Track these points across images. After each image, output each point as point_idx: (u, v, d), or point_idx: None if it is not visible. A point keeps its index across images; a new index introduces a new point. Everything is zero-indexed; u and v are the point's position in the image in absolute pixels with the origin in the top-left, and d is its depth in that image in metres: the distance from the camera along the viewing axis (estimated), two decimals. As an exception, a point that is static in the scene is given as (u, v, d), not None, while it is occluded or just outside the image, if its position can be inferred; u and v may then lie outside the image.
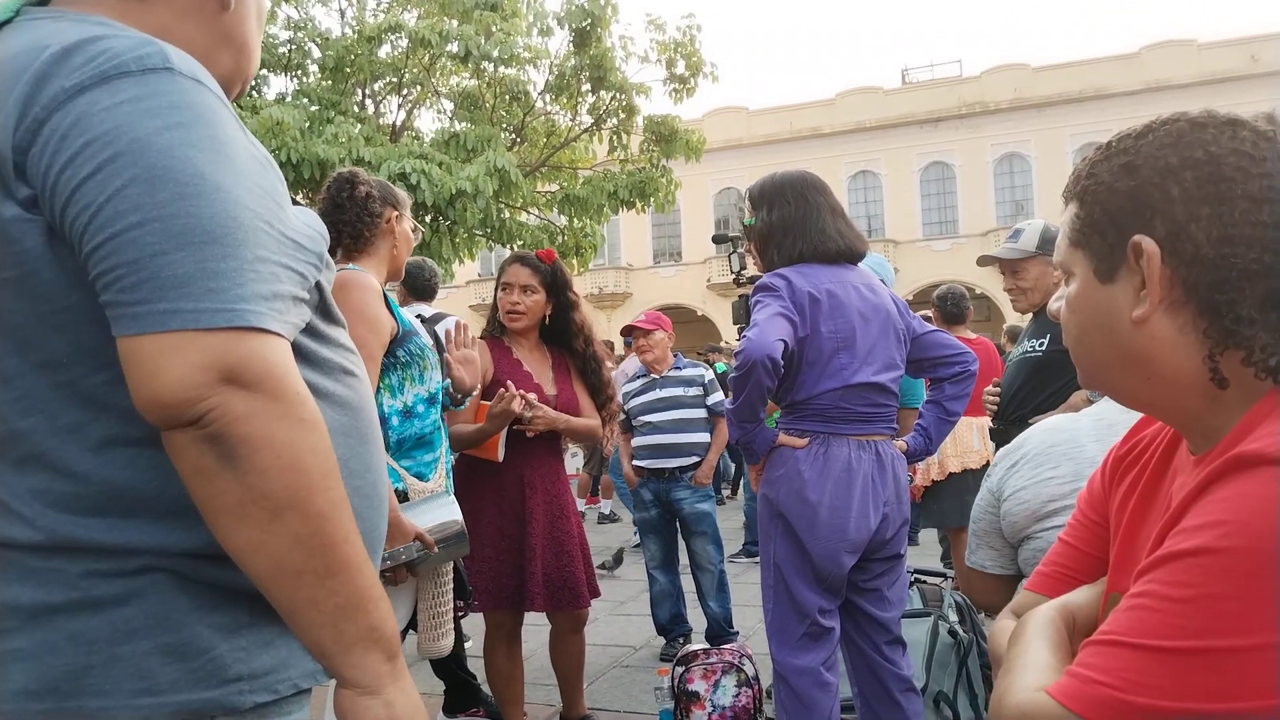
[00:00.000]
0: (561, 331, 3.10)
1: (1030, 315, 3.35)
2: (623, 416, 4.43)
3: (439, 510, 2.31)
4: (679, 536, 4.60)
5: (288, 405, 0.79)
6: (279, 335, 0.81)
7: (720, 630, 4.38)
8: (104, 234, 0.75)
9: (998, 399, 3.24)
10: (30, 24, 0.86)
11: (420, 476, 2.40)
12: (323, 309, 0.96)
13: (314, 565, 0.79)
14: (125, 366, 0.77)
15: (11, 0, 0.90)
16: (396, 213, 2.47)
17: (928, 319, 5.88)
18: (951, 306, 5.15)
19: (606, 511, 9.44)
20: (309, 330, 0.92)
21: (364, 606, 0.82)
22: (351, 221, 2.38)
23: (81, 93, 0.77)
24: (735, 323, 3.94)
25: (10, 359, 0.82)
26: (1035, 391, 3.06)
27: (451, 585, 2.49)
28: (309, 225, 0.92)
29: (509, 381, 2.85)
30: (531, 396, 2.87)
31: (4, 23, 0.87)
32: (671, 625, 4.44)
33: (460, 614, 2.78)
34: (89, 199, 0.76)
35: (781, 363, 2.31)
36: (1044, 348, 3.07)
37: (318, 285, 0.93)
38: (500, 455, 2.90)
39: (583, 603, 3.01)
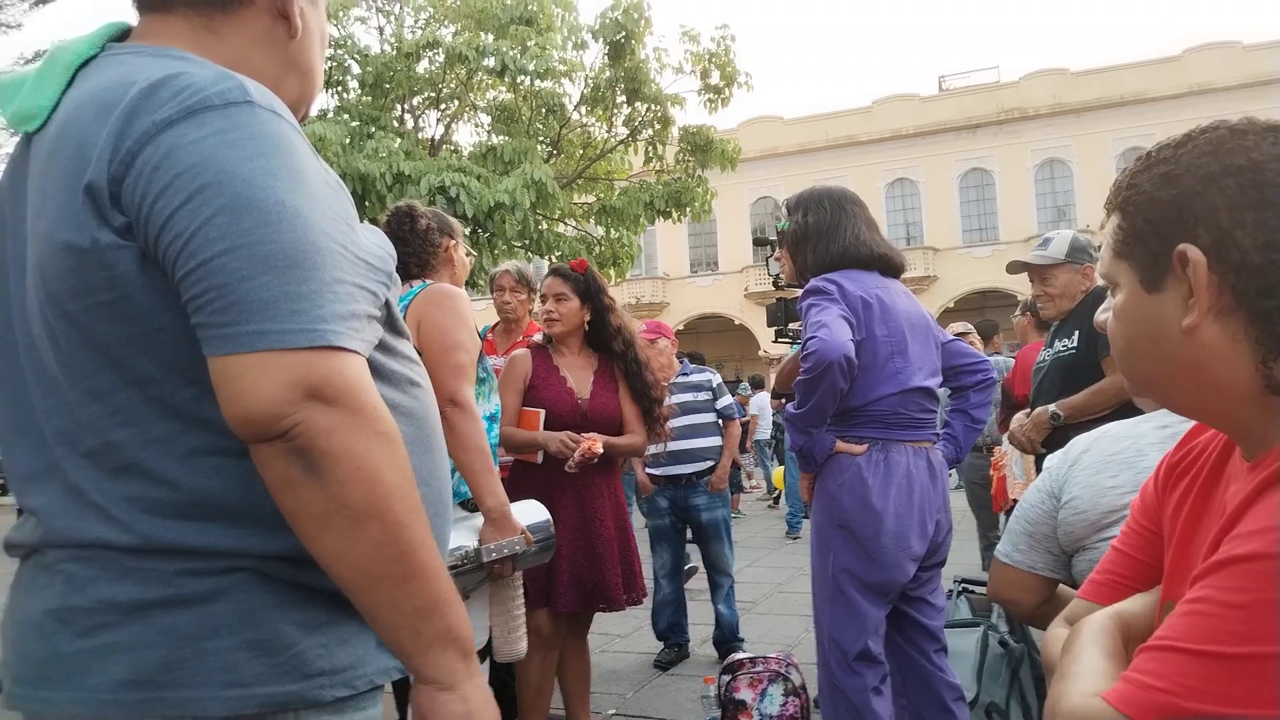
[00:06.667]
0: (600, 335, 3.20)
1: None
2: None
3: (532, 511, 2.40)
4: (684, 544, 4.69)
5: (366, 419, 0.83)
6: (356, 352, 0.85)
7: (731, 636, 4.44)
8: (195, 260, 0.80)
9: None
10: (114, 59, 0.92)
11: None
12: (390, 323, 1.00)
13: (393, 570, 0.83)
14: (216, 385, 0.81)
15: (95, 35, 0.95)
16: (453, 241, 2.63)
17: (963, 334, 5.83)
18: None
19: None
20: (380, 345, 0.96)
21: (440, 608, 0.86)
22: (416, 253, 2.54)
23: (170, 126, 0.82)
24: (771, 325, 3.95)
25: (105, 376, 0.87)
26: (1075, 390, 3.06)
27: (522, 590, 2.55)
28: (378, 245, 0.97)
29: (583, 444, 2.97)
30: (599, 446, 2.99)
31: (90, 59, 0.92)
32: (669, 632, 4.51)
33: None
34: (181, 228, 0.80)
35: (855, 362, 2.30)
36: (1076, 345, 3.09)
37: (386, 301, 0.97)
38: (540, 458, 3.06)
39: (616, 605, 3.06)
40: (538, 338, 3.98)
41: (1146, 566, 0.98)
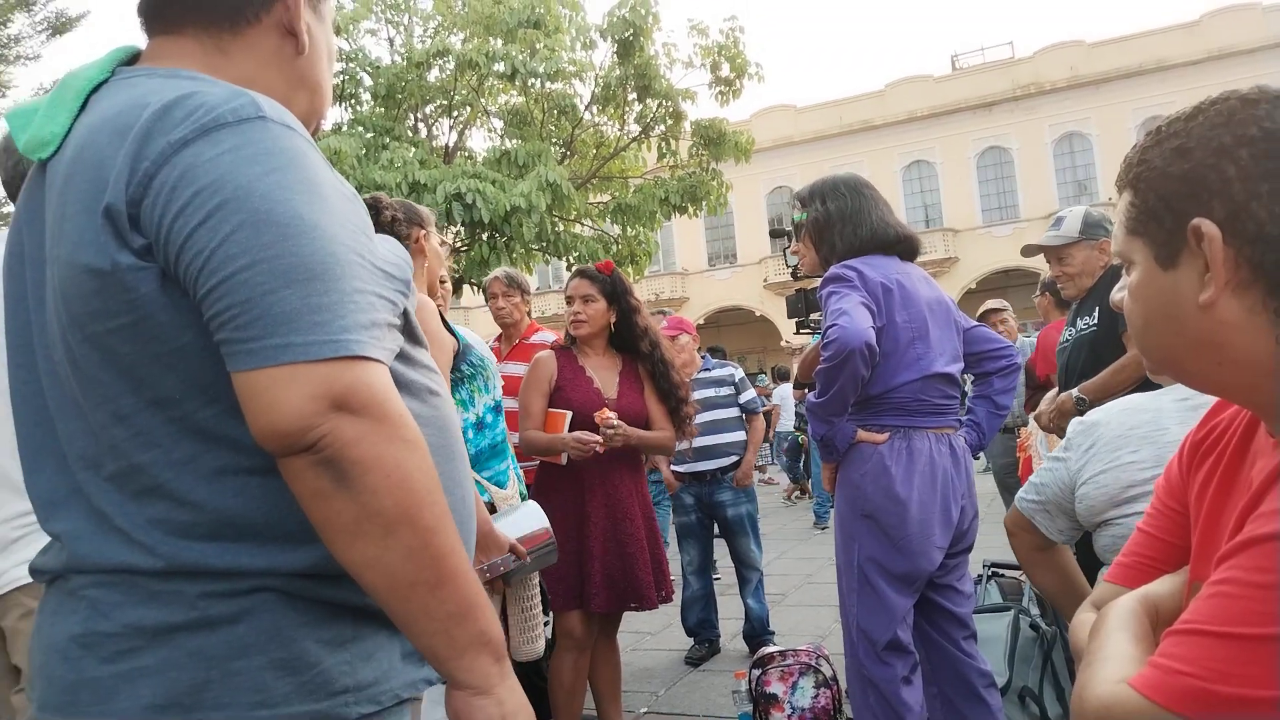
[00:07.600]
0: (627, 336, 3.20)
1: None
2: None
3: (527, 519, 2.32)
4: (712, 540, 4.68)
5: (392, 427, 0.83)
6: (380, 361, 0.85)
7: (761, 630, 4.43)
8: (217, 277, 0.80)
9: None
10: (125, 83, 0.92)
11: (499, 485, 2.48)
12: (408, 332, 1.00)
13: (425, 576, 0.84)
14: (242, 399, 0.81)
15: (105, 60, 0.96)
16: (424, 231, 2.51)
17: (997, 310, 5.77)
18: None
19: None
20: (399, 355, 0.96)
21: (472, 613, 0.87)
22: None
23: (185, 146, 0.83)
24: (791, 316, 3.94)
25: (127, 398, 0.87)
26: (1101, 367, 3.04)
27: (539, 591, 2.55)
28: (394, 254, 0.97)
29: (599, 434, 2.96)
30: (612, 416, 2.98)
31: (101, 83, 0.93)
32: (699, 629, 4.51)
33: (545, 622, 2.84)
34: (201, 245, 0.81)
35: (876, 349, 2.28)
36: (1097, 322, 3.07)
37: (404, 310, 0.97)
38: (564, 459, 3.05)
39: (648, 604, 3.07)
40: (537, 338, 3.99)
41: (1173, 548, 0.96)
